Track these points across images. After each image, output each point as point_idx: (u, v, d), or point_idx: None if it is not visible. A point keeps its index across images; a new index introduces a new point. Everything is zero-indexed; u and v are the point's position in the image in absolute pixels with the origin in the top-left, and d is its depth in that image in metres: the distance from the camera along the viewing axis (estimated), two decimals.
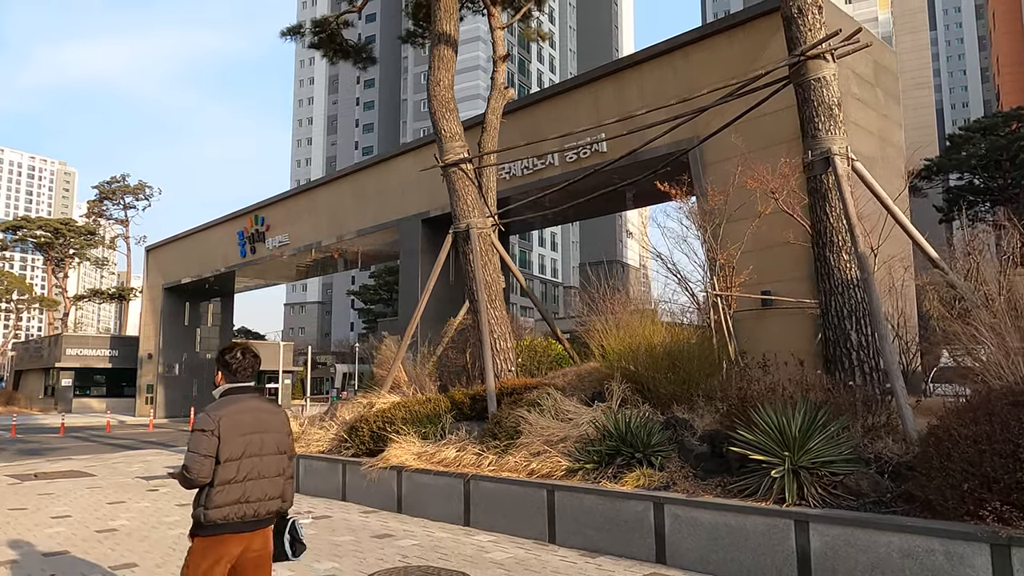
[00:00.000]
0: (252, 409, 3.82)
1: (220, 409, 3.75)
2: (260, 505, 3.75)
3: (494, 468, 8.13)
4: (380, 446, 9.80)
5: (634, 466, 7.17)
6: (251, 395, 3.90)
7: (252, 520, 3.73)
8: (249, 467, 3.73)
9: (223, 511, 3.65)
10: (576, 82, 18.97)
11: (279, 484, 3.86)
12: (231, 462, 3.68)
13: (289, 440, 3.99)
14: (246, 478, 3.71)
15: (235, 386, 3.88)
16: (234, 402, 3.81)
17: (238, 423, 3.73)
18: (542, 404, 8.63)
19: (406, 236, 23.72)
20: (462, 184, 10.85)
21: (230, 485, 3.67)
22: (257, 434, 3.79)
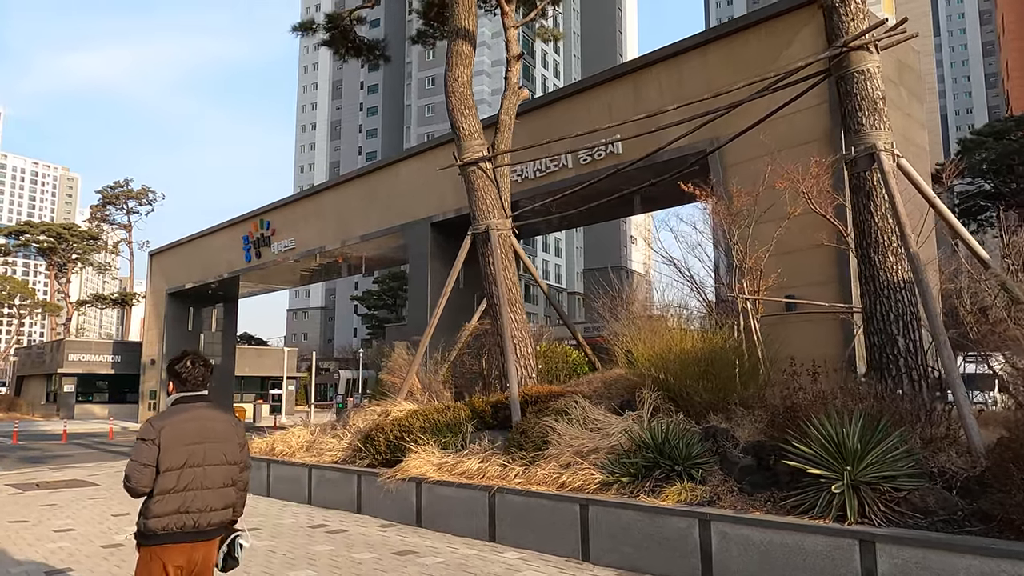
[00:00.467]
0: (199, 418, 3.78)
1: (164, 419, 3.74)
2: (201, 516, 3.70)
3: (521, 481, 7.70)
4: (397, 456, 9.38)
5: (674, 480, 6.75)
6: (201, 404, 3.87)
7: (193, 531, 3.69)
8: (190, 477, 3.68)
9: (162, 521, 3.62)
10: (590, 83, 18.58)
11: (226, 495, 3.80)
12: (171, 472, 3.64)
13: (240, 451, 3.92)
14: (186, 488, 3.66)
15: (185, 395, 3.87)
16: (181, 411, 3.79)
17: (181, 432, 3.69)
18: (570, 413, 8.21)
19: (415, 240, 23.32)
20: (481, 183, 10.45)
21: (170, 495, 3.64)
22: (201, 444, 3.73)
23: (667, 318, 11.26)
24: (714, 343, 8.66)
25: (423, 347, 11.04)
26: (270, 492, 11.39)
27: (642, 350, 9.02)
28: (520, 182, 20.25)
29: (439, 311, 11.10)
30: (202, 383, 3.95)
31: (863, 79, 7.86)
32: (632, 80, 17.64)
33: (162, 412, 3.87)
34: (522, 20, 16.63)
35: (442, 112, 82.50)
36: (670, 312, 11.86)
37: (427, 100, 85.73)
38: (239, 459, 3.91)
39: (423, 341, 11.17)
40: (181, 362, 3.96)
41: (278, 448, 11.75)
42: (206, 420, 3.81)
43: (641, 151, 17.76)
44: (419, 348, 11.01)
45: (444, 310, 22.98)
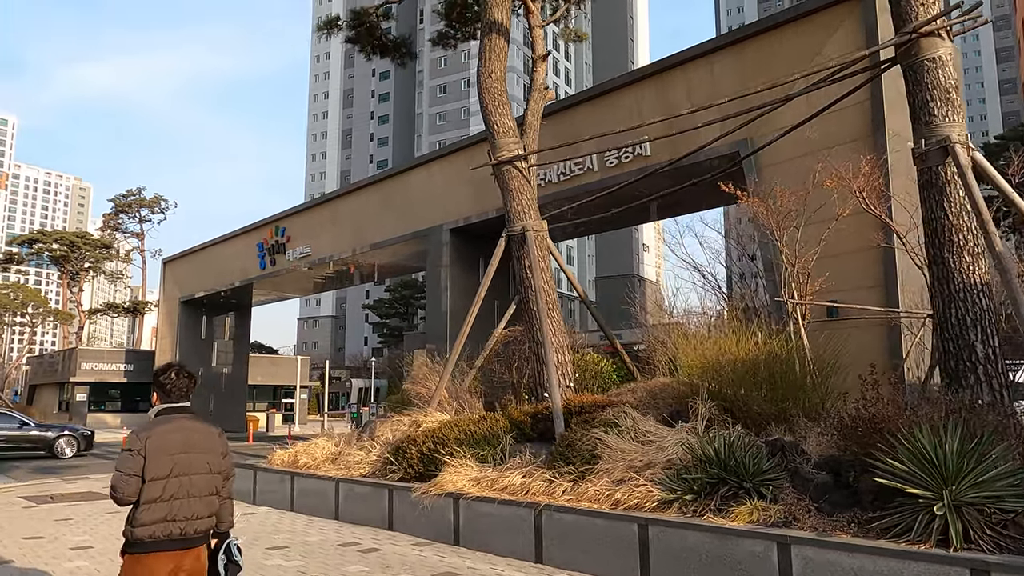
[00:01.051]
0: (183, 429, 3.88)
1: (149, 429, 3.83)
2: (187, 524, 3.78)
3: (571, 497, 7.18)
4: (431, 470, 8.88)
5: (742, 498, 6.22)
6: (184, 415, 3.98)
7: (179, 539, 3.77)
8: (176, 486, 3.76)
9: (148, 529, 3.70)
10: (616, 84, 18.13)
11: (210, 503, 3.90)
12: (157, 481, 3.72)
13: (224, 460, 4.01)
14: (172, 497, 3.75)
15: (169, 406, 3.96)
16: (165, 422, 3.88)
17: (166, 443, 3.78)
18: (619, 424, 7.69)
19: (433, 247, 22.88)
20: (517, 183, 9.99)
21: (156, 504, 3.72)
22: (186, 454, 3.82)
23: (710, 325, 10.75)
24: (770, 350, 8.13)
25: (455, 355, 10.55)
26: (294, 506, 10.90)
27: (692, 358, 8.50)
28: (543, 186, 19.76)
29: (471, 318, 10.61)
30: (185, 395, 4.06)
31: (934, 67, 7.35)
32: (660, 81, 17.18)
33: (146, 423, 3.95)
34: (547, 20, 16.19)
35: (454, 120, 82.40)
36: (711, 319, 11.34)
37: (439, 108, 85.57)
38: (222, 468, 4.01)
39: (455, 349, 10.68)
40: (165, 373, 4.03)
41: (302, 460, 11.27)
42: (190, 431, 3.91)
43: (670, 153, 17.31)
44: (451, 356, 10.52)
45: (460, 318, 22.50)
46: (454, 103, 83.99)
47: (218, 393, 39.28)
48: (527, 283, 9.89)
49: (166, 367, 4.07)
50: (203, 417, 4.11)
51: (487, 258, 23.35)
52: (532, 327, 9.94)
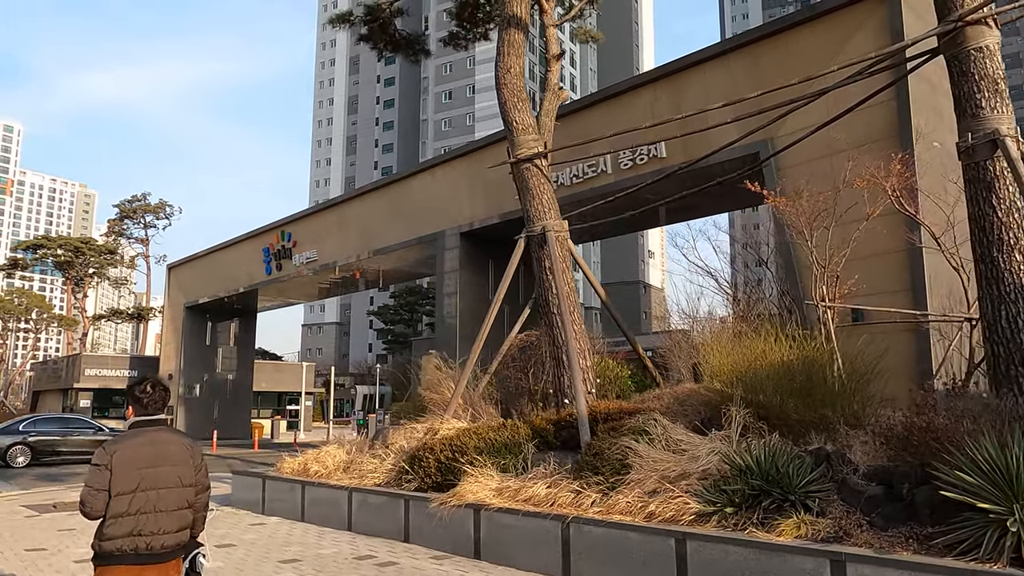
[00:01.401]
0: (154, 442, 3.84)
1: (118, 443, 3.81)
2: (154, 539, 3.73)
3: (600, 510, 6.81)
4: (449, 479, 8.52)
5: (787, 510, 5.85)
6: (157, 428, 3.93)
7: (146, 553, 3.72)
8: (143, 501, 3.73)
9: (115, 543, 3.69)
10: (631, 84, 17.82)
11: (181, 517, 3.85)
12: (123, 496, 3.70)
13: (196, 473, 3.96)
14: (139, 511, 3.71)
15: (142, 419, 3.92)
16: (137, 435, 3.85)
17: (134, 457, 3.76)
18: (650, 432, 7.32)
19: (442, 251, 22.55)
20: (537, 182, 9.64)
21: (122, 518, 3.70)
22: (154, 468, 3.78)
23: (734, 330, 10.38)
24: (806, 354, 7.77)
25: (472, 361, 10.20)
26: (304, 516, 10.54)
27: (723, 363, 8.13)
28: (556, 189, 19.43)
29: (489, 322, 10.25)
30: (160, 407, 4.02)
31: (981, 57, 7.01)
32: (675, 81, 16.86)
33: (117, 436, 3.95)
34: (561, 19, 15.88)
35: (459, 126, 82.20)
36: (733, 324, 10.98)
37: (444, 114, 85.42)
38: (195, 482, 3.95)
39: (472, 354, 10.32)
40: (140, 386, 4.02)
41: (313, 469, 10.92)
42: (160, 444, 3.87)
43: (686, 155, 16.99)
44: (468, 362, 10.16)
45: (469, 323, 22.16)
46: (459, 109, 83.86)
47: (223, 400, 38.97)
48: (547, 285, 9.54)
49: (141, 380, 4.08)
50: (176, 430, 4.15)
51: (497, 262, 23.13)
52: (553, 331, 9.59)
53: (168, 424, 4.11)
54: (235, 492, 12.42)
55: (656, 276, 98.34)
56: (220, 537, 9.40)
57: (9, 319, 48.72)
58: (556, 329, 9.53)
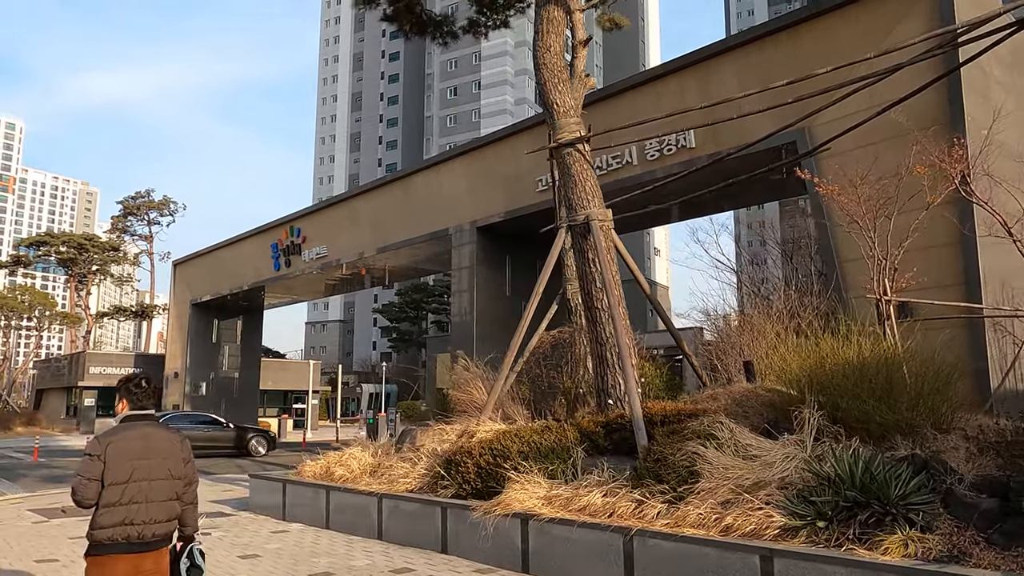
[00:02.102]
0: (145, 436, 4.00)
1: (111, 435, 3.96)
2: (145, 528, 3.89)
3: (668, 522, 6.21)
4: (491, 486, 7.93)
5: (887, 525, 5.25)
6: (147, 422, 4.11)
7: (138, 542, 3.87)
8: (135, 491, 3.88)
9: (107, 532, 3.83)
10: (658, 72, 17.21)
11: (170, 508, 4.01)
12: (116, 486, 3.86)
13: (185, 466, 4.13)
14: (131, 501, 3.87)
15: (133, 413, 4.09)
16: (129, 429, 4.01)
17: (127, 449, 3.92)
18: (718, 436, 6.72)
19: (459, 246, 21.96)
20: (580, 167, 9.04)
21: (114, 508, 3.85)
22: (146, 460, 3.95)
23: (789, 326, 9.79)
24: (882, 352, 7.16)
25: (511, 358, 9.58)
26: (329, 524, 9.95)
27: (790, 361, 7.53)
28: None
29: (528, 318, 9.62)
30: (151, 403, 4.22)
31: None
32: (706, 69, 16.23)
33: (110, 429, 4.08)
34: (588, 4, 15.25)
35: (465, 122, 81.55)
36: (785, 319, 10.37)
37: (449, 111, 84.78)
38: (183, 474, 4.11)
39: (511, 351, 9.69)
40: (133, 381, 4.20)
41: (337, 473, 10.32)
42: (151, 437, 4.03)
43: (716, 144, 16.38)
44: (506, 360, 9.54)
45: (487, 323, 21.57)
46: (465, 105, 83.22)
47: (229, 398, 38.41)
48: (591, 278, 8.94)
49: (132, 376, 4.28)
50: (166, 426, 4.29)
51: (514, 258, 22.54)
52: (596, 327, 8.99)
53: (158, 419, 4.30)
54: (253, 496, 11.84)
55: (662, 273, 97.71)
56: (243, 546, 8.81)
57: (11, 317, 48.14)
58: (600, 325, 8.92)
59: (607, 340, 9.02)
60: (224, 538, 9.34)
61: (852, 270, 12.68)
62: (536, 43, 9.60)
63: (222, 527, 10.20)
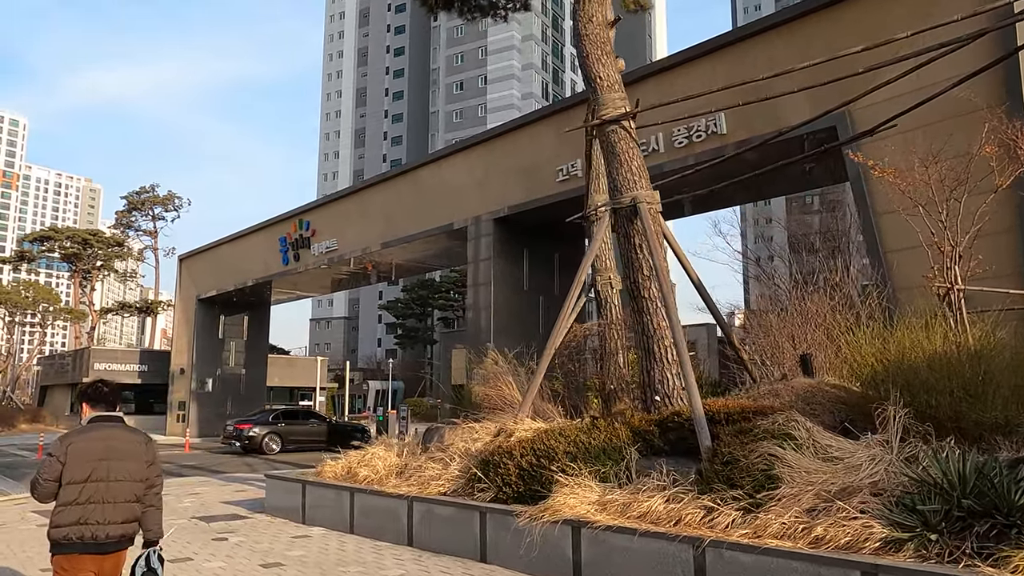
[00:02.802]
0: (107, 437, 4.06)
1: (74, 436, 4.06)
2: (99, 528, 3.91)
3: (746, 531, 5.57)
4: (535, 489, 7.30)
5: (1012, 538, 4.60)
6: (112, 424, 4.17)
7: (92, 542, 3.90)
8: (92, 491, 3.93)
9: (63, 531, 3.90)
10: (688, 55, 16.50)
11: (129, 510, 4.02)
12: (73, 485, 3.93)
13: (148, 468, 4.14)
14: (88, 501, 3.91)
15: (98, 415, 4.18)
16: (92, 430, 4.09)
17: (87, 449, 3.99)
18: (795, 437, 6.07)
19: (474, 239, 21.30)
20: (625, 146, 8.38)
21: (71, 507, 3.92)
22: (105, 461, 4.00)
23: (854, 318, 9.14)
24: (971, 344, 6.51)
25: (549, 353, 8.91)
26: (354, 528, 9.32)
27: (865, 354, 6.88)
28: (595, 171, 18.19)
29: (569, 309, 8.95)
30: (113, 405, 4.25)
31: None
32: (737, 52, 15.53)
33: (75, 430, 4.15)
34: None
35: (471, 117, 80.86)
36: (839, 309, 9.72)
37: (455, 105, 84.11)
38: (144, 476, 4.11)
39: (549, 347, 9.02)
40: (94, 387, 4.26)
41: (362, 474, 9.69)
42: (114, 439, 4.06)
43: (747, 131, 15.70)
44: (544, 354, 8.87)
45: (505, 316, 20.90)
46: (471, 100, 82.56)
47: (235, 395, 37.81)
48: (637, 265, 8.29)
49: (93, 382, 4.30)
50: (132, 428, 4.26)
51: (532, 250, 21.86)
52: (643, 317, 8.34)
53: (124, 421, 4.28)
54: (270, 498, 11.22)
55: None
56: (264, 553, 8.19)
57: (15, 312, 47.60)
58: (648, 316, 8.28)
59: (655, 332, 8.37)
60: (243, 544, 8.72)
61: (901, 260, 12.01)
62: (577, 14, 8.96)
63: (239, 531, 9.58)
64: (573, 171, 18.65)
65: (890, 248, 12.39)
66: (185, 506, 12.03)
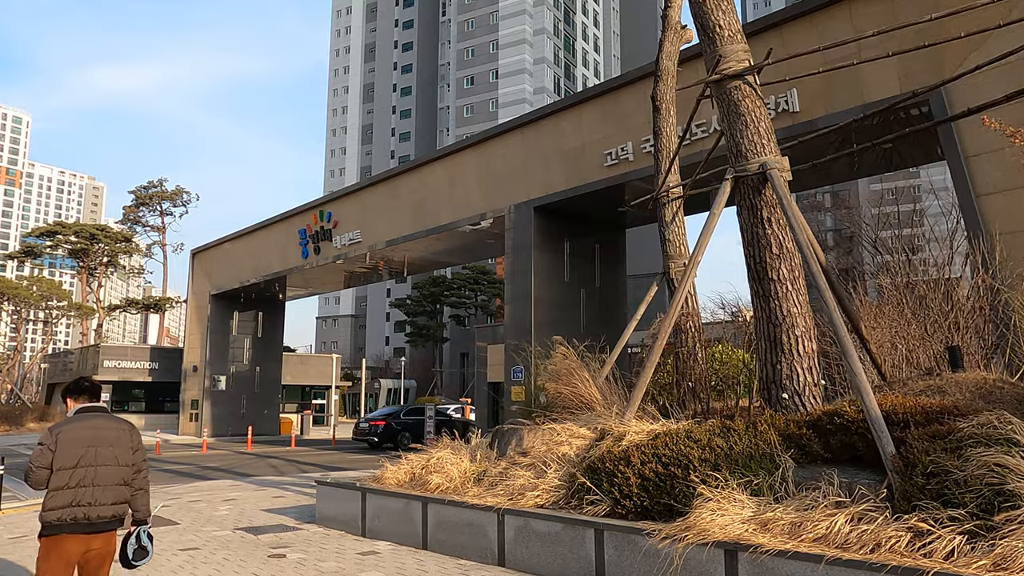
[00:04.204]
0: (94, 426, 4.35)
1: (63, 425, 4.35)
2: (90, 510, 4.18)
3: (983, 563, 4.42)
4: (664, 502, 6.17)
5: None
6: (97, 413, 4.46)
7: (84, 523, 4.16)
8: (82, 475, 4.20)
9: (56, 513, 4.13)
10: (757, 27, 15.30)
11: (117, 492, 4.29)
12: (64, 471, 4.19)
13: (132, 454, 4.42)
14: (79, 484, 4.17)
15: (84, 406, 4.48)
16: (80, 420, 4.38)
17: (76, 437, 4.27)
18: (1021, 442, 4.92)
19: (515, 227, 20.15)
20: (751, 104, 7.24)
21: (62, 491, 4.16)
22: (93, 447, 4.27)
23: None
24: None
25: (661, 343, 7.73)
26: (427, 544, 8.19)
27: None
28: (650, 152, 17.04)
29: (681, 293, 7.78)
30: (95, 398, 4.55)
31: None
32: (818, 18, 14.30)
33: (63, 420, 4.46)
34: None
35: (482, 112, 79.66)
36: None
37: (466, 100, 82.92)
38: (131, 461, 4.40)
39: (662, 336, 7.84)
40: (77, 383, 4.59)
41: (434, 481, 8.55)
42: (100, 428, 4.36)
43: (825, 107, 14.55)
44: (656, 346, 7.69)
45: (546, 307, 19.73)
46: (482, 95, 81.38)
47: (249, 393, 36.75)
48: (764, 242, 7.15)
49: (77, 379, 4.62)
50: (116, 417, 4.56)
51: (572, 240, 20.68)
52: (770, 303, 7.20)
53: (108, 411, 4.54)
54: (322, 506, 10.08)
55: None
56: (333, 575, 7.05)
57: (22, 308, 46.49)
58: (775, 301, 7.14)
59: (783, 320, 7.23)
60: (305, 562, 7.58)
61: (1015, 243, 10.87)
62: None
63: (294, 546, 8.45)
64: (623, 155, 17.52)
65: (1004, 230, 11.24)
66: (223, 514, 10.91)
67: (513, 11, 79.87)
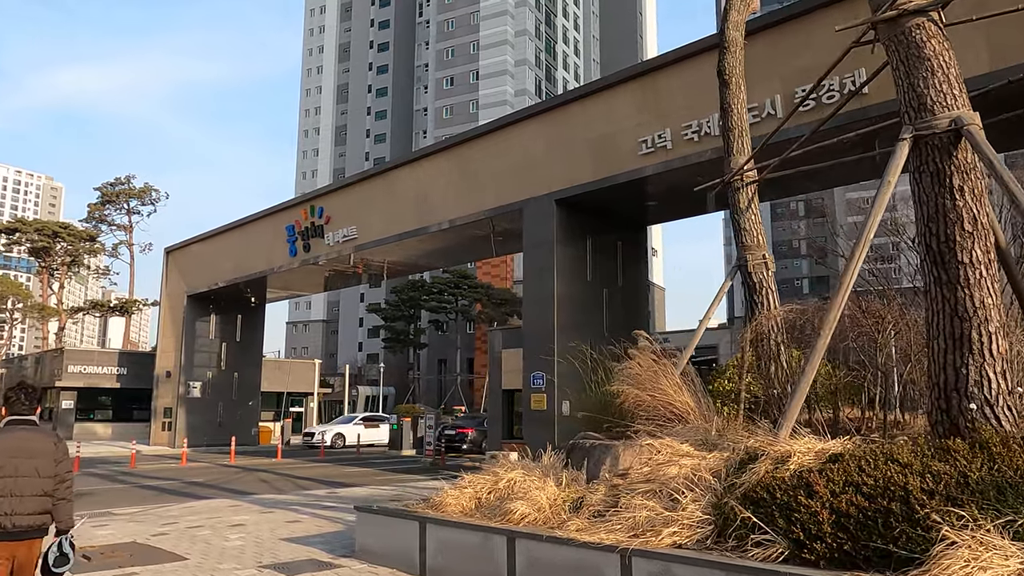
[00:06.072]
0: (19, 438, 4.44)
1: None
2: (10, 519, 4.28)
3: None
4: (877, 545, 4.73)
5: None
6: (25, 426, 4.55)
7: (2, 531, 4.27)
8: (1, 485, 4.29)
9: None
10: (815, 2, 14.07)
11: (39, 503, 4.40)
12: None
13: (56, 466, 4.49)
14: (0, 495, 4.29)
15: (12, 418, 4.55)
16: (6, 431, 4.46)
17: (1, 449, 4.36)
18: None
19: (535, 222, 18.65)
20: (936, 47, 5.83)
21: None
22: (16, 459, 4.36)
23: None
24: None
25: (825, 340, 6.28)
26: None
27: None
28: (697, 140, 15.71)
29: (847, 282, 6.33)
30: (28, 408, 4.63)
31: None
32: None
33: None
34: None
35: (462, 113, 78.18)
36: None
37: (445, 101, 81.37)
38: (54, 473, 4.48)
39: (826, 331, 6.39)
40: (13, 390, 4.64)
41: (519, 511, 6.98)
42: (24, 439, 4.45)
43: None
44: (819, 344, 6.23)
45: (568, 309, 18.24)
46: (462, 96, 79.91)
47: (227, 400, 34.60)
48: (954, 216, 5.76)
49: (15, 387, 4.68)
50: (44, 429, 4.63)
51: (595, 237, 19.22)
52: (957, 290, 5.81)
53: (37, 424, 4.66)
54: (364, 537, 8.43)
55: (659, 275, 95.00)
56: None
57: None
58: (965, 289, 5.77)
59: (975, 312, 5.85)
60: None
61: None
62: None
63: None
64: (660, 142, 16.16)
65: None
66: (236, 545, 9.19)
67: (495, 12, 78.62)
